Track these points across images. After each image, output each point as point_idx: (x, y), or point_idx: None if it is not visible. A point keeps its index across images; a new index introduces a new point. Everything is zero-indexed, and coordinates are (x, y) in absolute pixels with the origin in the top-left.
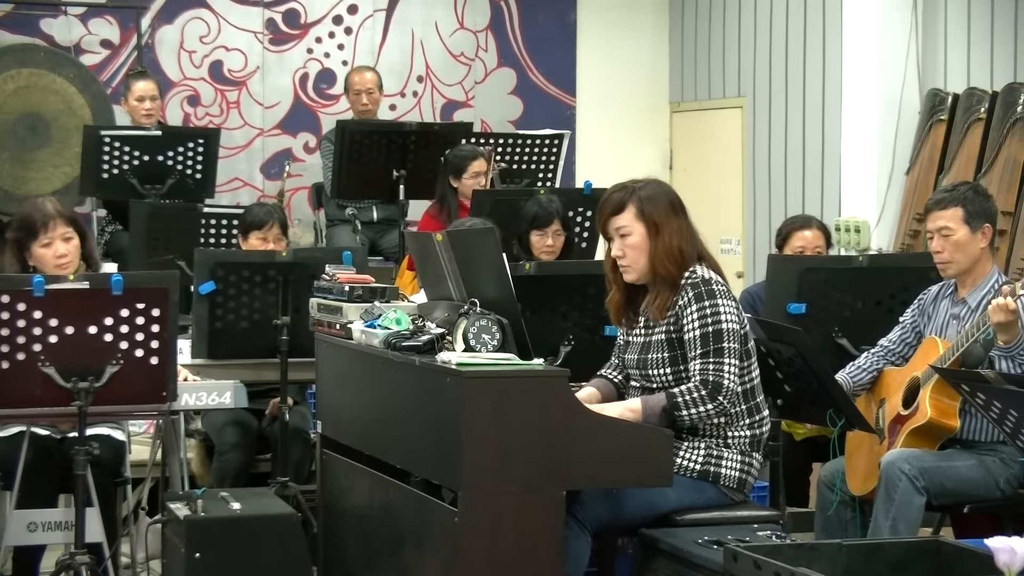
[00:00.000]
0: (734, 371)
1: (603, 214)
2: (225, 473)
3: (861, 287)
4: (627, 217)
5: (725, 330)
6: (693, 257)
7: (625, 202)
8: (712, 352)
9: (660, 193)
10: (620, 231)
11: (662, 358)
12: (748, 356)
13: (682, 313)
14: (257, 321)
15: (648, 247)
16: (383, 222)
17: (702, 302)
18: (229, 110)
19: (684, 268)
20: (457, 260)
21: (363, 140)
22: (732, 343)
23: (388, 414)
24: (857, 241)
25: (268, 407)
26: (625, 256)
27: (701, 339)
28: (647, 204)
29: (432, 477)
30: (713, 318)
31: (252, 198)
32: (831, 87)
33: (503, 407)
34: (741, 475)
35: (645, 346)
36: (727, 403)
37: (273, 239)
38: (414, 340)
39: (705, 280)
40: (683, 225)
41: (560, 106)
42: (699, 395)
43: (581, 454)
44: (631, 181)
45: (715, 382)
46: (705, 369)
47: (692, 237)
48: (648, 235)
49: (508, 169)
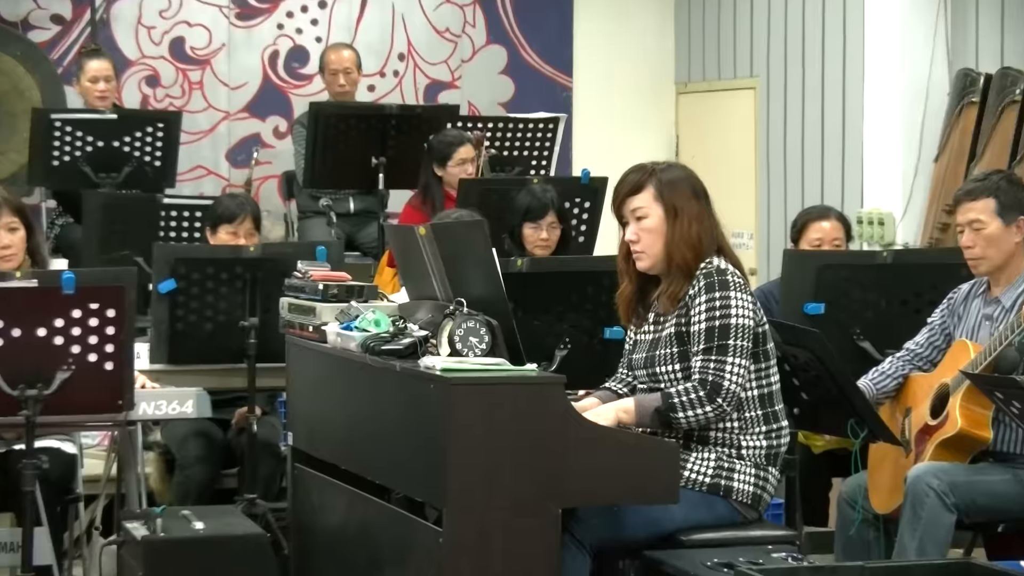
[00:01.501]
0: (738, 371)
1: (618, 195)
2: (187, 489)
3: (885, 285)
4: (644, 198)
5: (733, 326)
6: (712, 247)
7: (643, 183)
8: (716, 349)
9: (682, 177)
10: (636, 213)
11: (670, 354)
12: (766, 358)
13: (692, 303)
14: (222, 323)
15: (665, 232)
16: (361, 214)
17: (712, 293)
18: (192, 91)
19: (701, 258)
20: (442, 256)
21: (339, 124)
22: (740, 340)
23: (366, 425)
24: (881, 235)
25: (234, 417)
26: (640, 241)
27: (706, 333)
28: (667, 186)
29: (414, 494)
30: (722, 311)
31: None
32: (852, 66)
33: (493, 417)
34: (756, 490)
35: (654, 343)
36: (727, 406)
37: (245, 234)
38: (395, 344)
39: (720, 270)
40: (704, 212)
41: (555, 87)
42: (696, 396)
43: (578, 468)
44: (651, 163)
45: (714, 382)
46: (705, 367)
47: (713, 226)
48: (666, 219)
49: (498, 156)
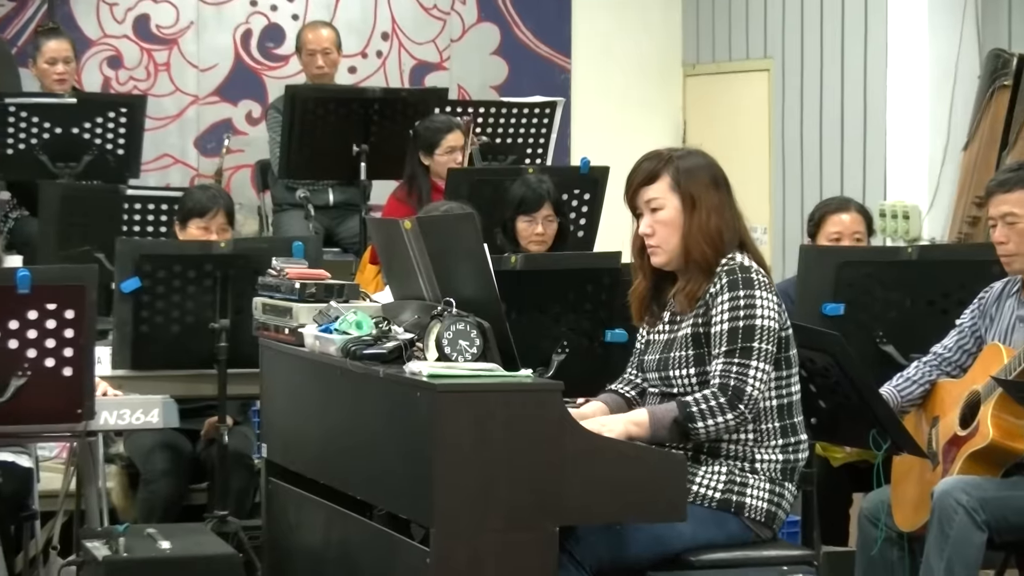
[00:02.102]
0: (761, 377)
1: (631, 184)
2: (152, 506)
3: (910, 284)
4: (660, 188)
5: (758, 327)
6: (733, 242)
7: (659, 171)
8: (739, 351)
9: (701, 165)
10: (651, 204)
11: (685, 357)
12: (788, 365)
13: (712, 303)
14: (191, 325)
15: (681, 224)
16: (341, 207)
17: (736, 291)
18: (157, 74)
19: (721, 253)
20: (429, 252)
21: (317, 109)
22: (764, 344)
23: (347, 436)
24: (906, 229)
25: (204, 427)
26: (655, 234)
27: (728, 334)
28: (684, 175)
29: (399, 511)
30: (747, 311)
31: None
32: (874, 46)
33: (484, 427)
34: (770, 507)
35: (668, 344)
36: (749, 413)
37: (217, 230)
38: (378, 347)
39: (743, 267)
40: (725, 203)
41: (552, 69)
42: (717, 403)
43: (577, 482)
44: (668, 149)
45: (736, 387)
46: (727, 371)
47: (734, 219)
48: (683, 210)
49: (490, 144)
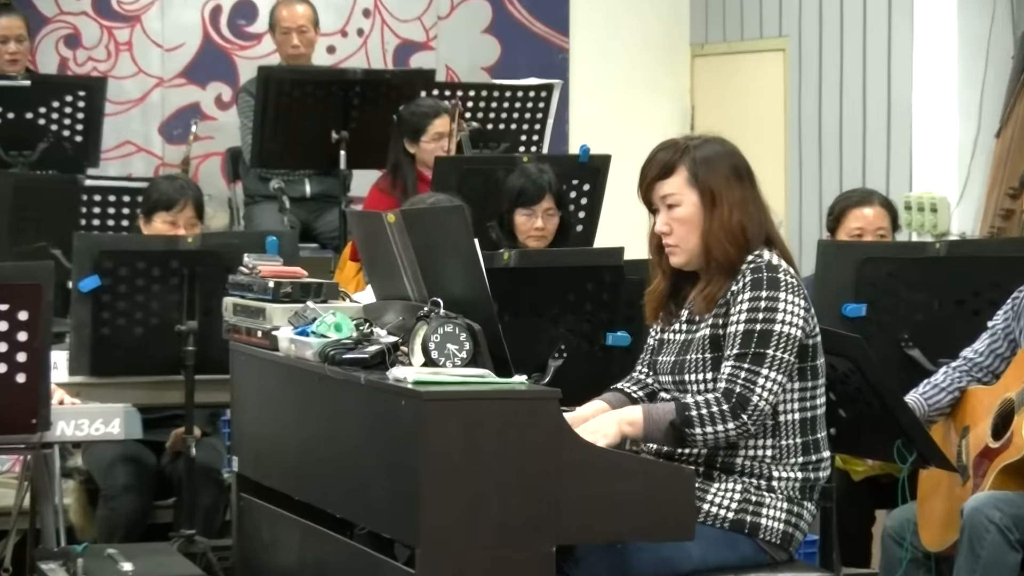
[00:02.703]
0: (771, 388)
1: (645, 179)
2: (114, 524)
3: (938, 282)
4: (676, 183)
5: (776, 334)
6: (759, 239)
7: (675, 164)
8: (750, 356)
9: (721, 154)
10: (667, 200)
11: (702, 360)
12: (815, 375)
13: (733, 301)
14: (155, 327)
15: (701, 222)
16: (319, 198)
17: (759, 291)
18: (119, 54)
19: (746, 251)
20: (415, 247)
21: (293, 92)
22: (780, 352)
23: (325, 447)
24: (933, 223)
25: (169, 439)
26: (672, 232)
27: (743, 337)
28: (703, 167)
29: (382, 529)
30: (766, 314)
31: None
32: (899, 25)
33: (475, 438)
34: (787, 528)
35: (684, 345)
36: (752, 426)
37: (185, 224)
38: (359, 352)
39: (771, 266)
40: (748, 197)
41: (549, 49)
42: (719, 409)
43: (576, 498)
44: (685, 137)
45: (741, 395)
46: (734, 376)
47: (759, 214)
48: (702, 207)
49: (481, 130)
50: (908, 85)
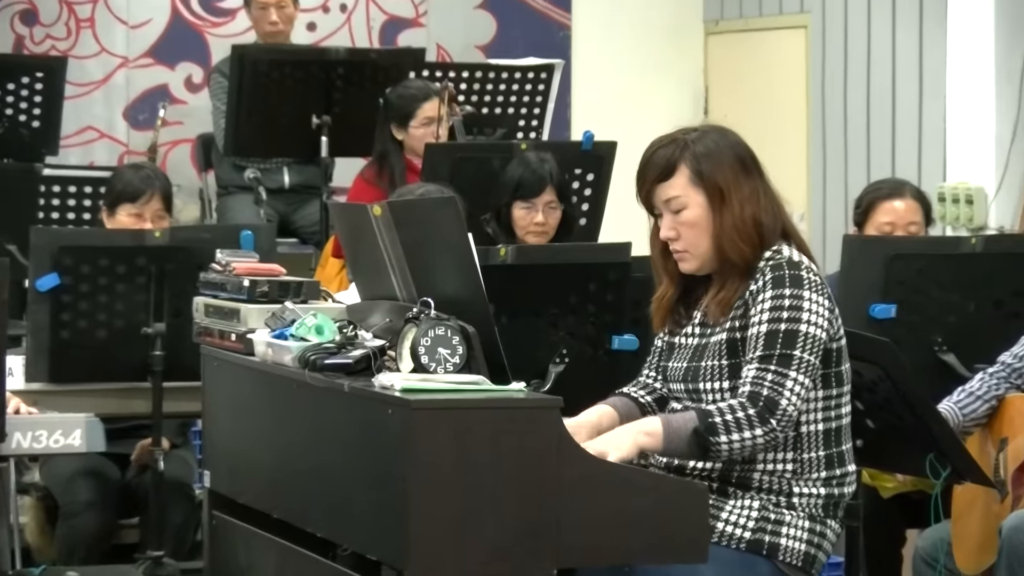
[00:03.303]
0: (799, 392)
1: (644, 181)
2: (74, 544)
3: (974, 281)
4: (679, 184)
5: (803, 334)
6: (775, 233)
7: (675, 163)
8: (776, 358)
9: (723, 145)
10: (671, 205)
11: (719, 367)
12: (839, 382)
13: (753, 300)
14: (120, 330)
15: (711, 223)
16: (298, 189)
17: (781, 289)
18: (80, 31)
19: (763, 247)
20: (403, 243)
21: (270, 73)
22: (807, 354)
23: (305, 461)
24: (969, 216)
25: (135, 451)
26: (680, 238)
27: (767, 337)
28: (706, 162)
29: (367, 550)
30: (791, 313)
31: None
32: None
33: (468, 450)
34: (808, 548)
35: (698, 350)
36: (781, 432)
37: (152, 216)
38: (342, 356)
39: (792, 262)
40: (758, 189)
41: (550, 26)
42: (745, 415)
43: (579, 517)
44: (681, 131)
45: (769, 398)
46: (760, 379)
47: (772, 205)
48: (710, 207)
49: (475, 114)
50: (942, 66)
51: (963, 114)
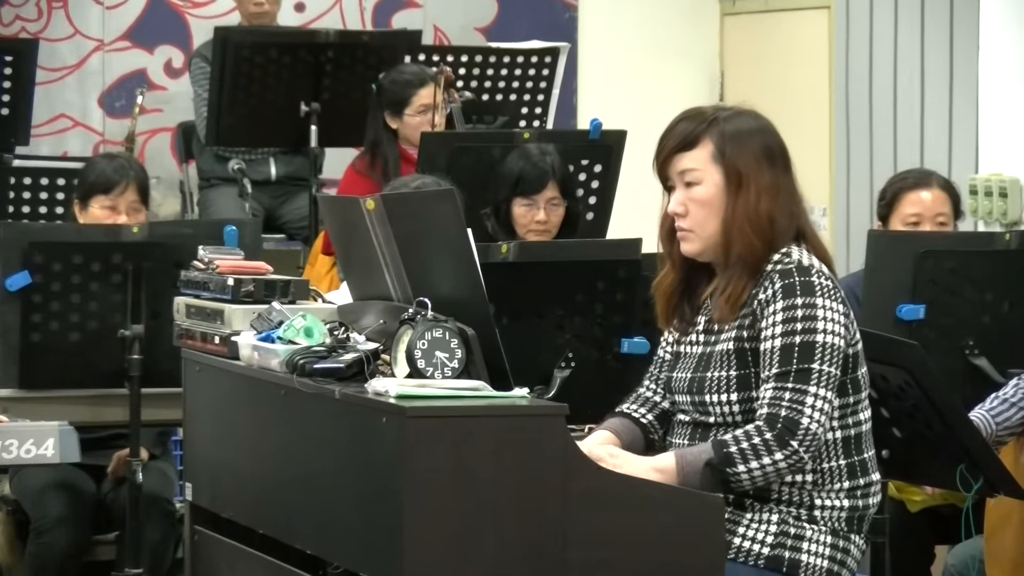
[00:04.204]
0: (822, 407)
1: (663, 150)
2: (45, 561)
3: (1008, 280)
4: (698, 157)
5: (820, 345)
6: (789, 233)
7: (699, 135)
8: (794, 375)
9: (754, 130)
10: (685, 177)
11: (725, 378)
12: (856, 389)
13: (762, 312)
14: (94, 332)
15: (723, 206)
16: (285, 181)
17: (792, 298)
18: (51, 12)
19: (773, 246)
20: (398, 239)
21: (255, 58)
22: (827, 366)
23: (292, 473)
24: (1003, 210)
25: (111, 463)
26: (688, 214)
27: (781, 353)
28: (731, 143)
29: (358, 568)
30: (805, 324)
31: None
32: None
33: (467, 461)
34: (831, 565)
35: (704, 360)
36: (805, 453)
37: (127, 210)
38: (332, 361)
39: (803, 268)
40: (780, 184)
41: (554, 7)
42: (762, 440)
43: (586, 532)
44: (713, 107)
45: (788, 419)
46: (778, 400)
47: (791, 205)
48: (726, 187)
49: (474, 101)
50: (974, 49)
51: (996, 100)
